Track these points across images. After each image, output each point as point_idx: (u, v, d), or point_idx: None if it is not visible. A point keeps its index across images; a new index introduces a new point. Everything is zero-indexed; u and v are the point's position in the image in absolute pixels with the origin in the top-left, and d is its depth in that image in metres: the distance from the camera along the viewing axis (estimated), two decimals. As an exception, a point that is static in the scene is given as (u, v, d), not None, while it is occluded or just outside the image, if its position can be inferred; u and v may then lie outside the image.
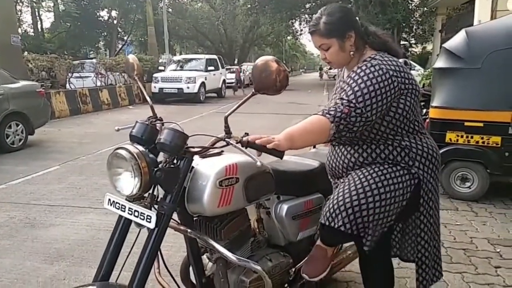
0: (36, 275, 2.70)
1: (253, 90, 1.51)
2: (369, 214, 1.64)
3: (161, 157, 1.49)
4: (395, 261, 1.95)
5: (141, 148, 1.40)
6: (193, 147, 1.48)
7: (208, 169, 1.55)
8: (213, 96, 16.69)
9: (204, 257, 1.83)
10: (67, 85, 12.98)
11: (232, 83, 21.77)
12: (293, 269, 1.96)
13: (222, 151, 1.69)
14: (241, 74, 24.10)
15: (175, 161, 1.45)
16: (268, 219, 1.94)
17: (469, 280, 2.58)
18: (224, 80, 17.75)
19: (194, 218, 1.70)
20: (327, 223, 1.69)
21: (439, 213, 1.83)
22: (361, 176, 1.69)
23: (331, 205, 1.69)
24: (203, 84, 15.14)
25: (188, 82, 14.54)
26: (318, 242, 1.95)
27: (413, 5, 22.40)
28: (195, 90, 14.62)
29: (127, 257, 1.48)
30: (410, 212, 1.77)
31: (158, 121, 1.61)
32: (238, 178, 1.59)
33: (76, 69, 14.51)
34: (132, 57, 1.74)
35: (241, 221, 1.74)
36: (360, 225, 1.65)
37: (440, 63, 4.29)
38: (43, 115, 7.31)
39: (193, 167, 1.55)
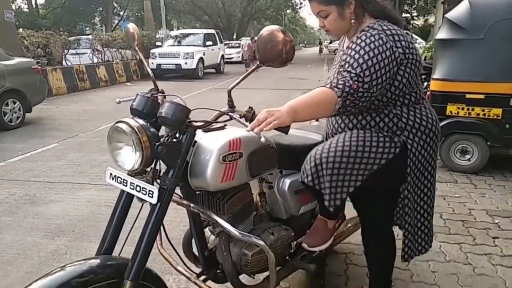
0: (38, 250, 2.73)
1: (258, 62, 1.45)
2: (331, 169, 1.62)
3: (163, 131, 1.46)
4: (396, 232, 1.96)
5: (142, 121, 1.36)
6: (195, 121, 1.45)
7: (211, 144, 1.51)
8: (211, 72, 16.50)
9: (207, 230, 1.83)
10: (64, 62, 12.83)
11: (231, 58, 21.54)
12: (295, 242, 1.97)
13: (225, 125, 1.66)
14: (241, 49, 23.81)
15: (177, 135, 1.42)
16: (270, 193, 1.93)
17: (467, 250, 2.60)
18: (222, 56, 17.51)
19: (197, 192, 1.68)
20: (299, 179, 1.71)
21: (432, 186, 1.79)
22: (336, 137, 1.69)
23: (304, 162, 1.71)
24: (201, 59, 14.95)
25: (186, 58, 14.35)
26: (319, 216, 1.97)
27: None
28: (193, 66, 14.44)
29: (130, 231, 1.47)
30: (395, 180, 1.74)
31: (160, 94, 1.56)
32: (241, 153, 1.56)
33: (72, 46, 14.30)
34: (132, 26, 1.67)
35: (244, 196, 1.72)
36: (321, 178, 1.64)
37: (442, 34, 4.20)
38: (40, 92, 7.24)
39: (195, 142, 1.52)
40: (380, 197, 1.81)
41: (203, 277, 1.79)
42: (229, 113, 1.49)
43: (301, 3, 31.25)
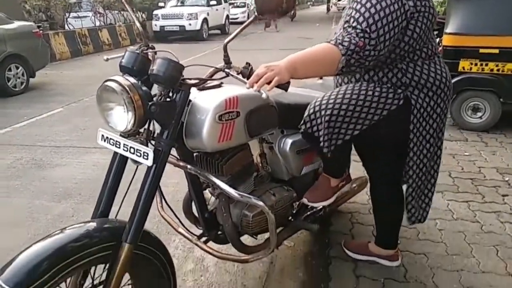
0: (45, 213, 2.76)
1: (255, 14, 1.35)
2: (329, 116, 1.57)
3: (155, 89, 1.38)
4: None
5: (132, 80, 1.28)
6: (189, 79, 1.37)
7: (206, 102, 1.45)
8: (216, 33, 16.10)
9: (207, 191, 1.81)
10: (66, 26, 12.58)
11: (236, 18, 20.93)
12: (297, 203, 1.95)
13: (222, 83, 1.59)
14: (247, 8, 23.10)
15: (170, 94, 1.35)
16: (271, 154, 1.88)
17: (475, 208, 2.57)
18: (227, 16, 17.01)
19: (194, 154, 1.65)
20: (299, 127, 1.69)
21: (438, 148, 1.72)
22: (338, 89, 1.63)
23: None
24: (205, 20, 14.54)
25: (190, 19, 13.97)
26: (323, 174, 1.93)
27: None
28: (198, 27, 14.08)
29: (126, 194, 1.44)
30: (398, 135, 1.67)
31: (150, 50, 1.47)
32: (238, 112, 1.49)
33: (74, 9, 13.95)
34: None
35: (243, 156, 1.68)
36: (318, 126, 1.60)
37: (456, -15, 3.97)
38: (42, 57, 7.12)
39: (190, 101, 1.45)
40: (389, 154, 1.76)
41: (204, 239, 1.78)
42: (225, 70, 1.41)
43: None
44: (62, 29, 11.85)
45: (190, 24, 13.94)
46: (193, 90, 1.46)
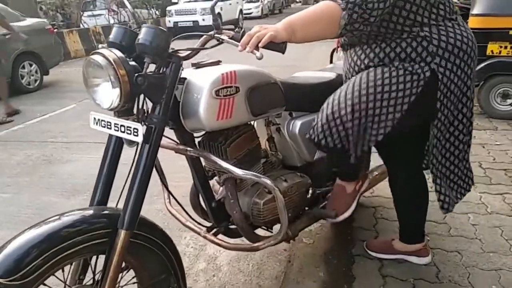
0: (53, 209, 2.66)
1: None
2: (349, 123, 1.43)
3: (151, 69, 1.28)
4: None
5: (119, 53, 1.17)
6: (180, 50, 1.29)
7: (202, 79, 1.37)
8: (230, 28, 15.91)
9: (214, 182, 1.68)
10: (81, 24, 12.65)
11: (250, 13, 20.75)
12: (312, 190, 1.79)
13: (220, 61, 1.52)
14: (260, 3, 22.88)
15: (162, 66, 1.25)
16: (280, 138, 1.77)
17: (510, 201, 2.35)
18: (241, 10, 16.85)
19: (199, 139, 1.56)
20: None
21: (469, 121, 1.52)
22: (350, 83, 1.46)
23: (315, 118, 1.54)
24: (219, 15, 14.41)
25: (203, 14, 13.85)
26: (337, 180, 1.79)
27: None
28: (211, 22, 13.94)
29: (126, 181, 1.31)
30: (423, 118, 1.48)
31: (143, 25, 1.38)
32: (238, 88, 1.41)
33: (88, 7, 14.04)
34: None
35: (248, 139, 1.58)
36: (341, 134, 1.45)
37: (483, -38, 3.71)
38: (55, 54, 7.11)
39: (185, 79, 1.38)
40: (406, 137, 1.57)
41: (213, 231, 1.65)
42: (216, 35, 1.32)
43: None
44: (77, 27, 11.90)
45: (203, 19, 13.83)
46: (189, 69, 1.41)
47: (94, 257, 1.28)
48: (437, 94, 1.41)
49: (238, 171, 1.35)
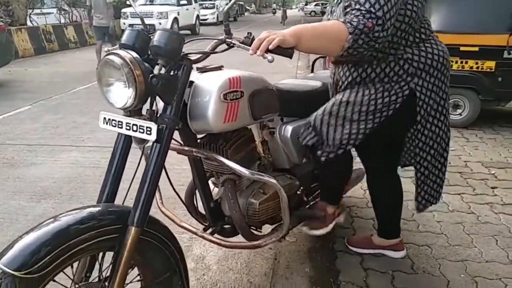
0: (24, 213, 2.55)
1: None
2: (331, 127, 1.64)
3: (157, 70, 1.31)
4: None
5: (134, 54, 1.21)
6: (191, 53, 1.34)
7: (210, 82, 1.43)
8: (186, 34, 15.87)
9: (210, 183, 1.73)
10: (28, 22, 11.99)
11: (206, 19, 20.73)
12: (300, 191, 1.90)
13: (222, 66, 1.57)
14: (216, 10, 22.92)
15: (172, 72, 1.29)
16: (272, 141, 1.86)
17: (468, 200, 2.60)
18: (197, 16, 16.82)
19: (199, 141, 1.60)
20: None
21: (447, 128, 1.72)
22: (337, 100, 1.65)
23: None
24: (176, 19, 14.31)
25: (160, 18, 13.69)
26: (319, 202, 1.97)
27: None
28: (168, 27, 13.80)
29: (132, 179, 1.34)
30: (405, 126, 1.68)
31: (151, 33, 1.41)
32: (242, 92, 1.49)
33: (36, 5, 13.35)
34: None
35: (247, 141, 1.66)
36: (321, 134, 1.67)
37: (436, -16, 4.07)
38: (7, 52, 6.72)
39: (192, 82, 1.43)
40: (387, 145, 1.74)
41: (210, 230, 1.70)
42: (227, 40, 1.38)
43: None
44: (23, 25, 11.26)
45: (160, 23, 13.63)
46: (195, 73, 1.44)
47: (101, 254, 1.27)
48: (416, 108, 1.60)
49: (246, 171, 1.41)
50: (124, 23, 13.66)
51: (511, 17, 3.68)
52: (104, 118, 1.29)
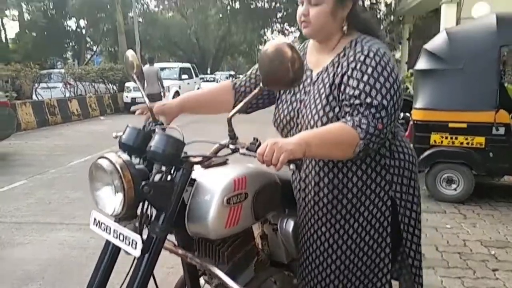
0: (2, 301, 2.42)
1: (260, 84, 1.22)
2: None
3: None
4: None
5: (126, 157, 1.16)
6: (192, 156, 1.26)
7: (213, 183, 1.30)
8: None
9: (201, 279, 1.63)
10: (34, 96, 12.43)
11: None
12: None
13: (227, 160, 1.45)
14: (216, 83, 23.90)
15: (171, 172, 1.22)
16: (273, 235, 1.71)
17: (469, 285, 2.49)
18: (198, 89, 17.49)
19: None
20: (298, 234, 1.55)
21: (420, 230, 1.55)
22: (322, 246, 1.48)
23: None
24: (177, 93, 14.85)
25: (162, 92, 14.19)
26: None
27: (381, 13, 22.98)
28: (170, 99, 14.28)
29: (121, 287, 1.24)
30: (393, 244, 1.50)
31: (159, 126, 1.38)
32: (247, 194, 1.36)
33: (43, 80, 13.93)
34: (131, 54, 1.48)
35: (246, 241, 1.53)
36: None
37: (422, 64, 4.28)
38: (8, 126, 6.85)
39: (194, 180, 1.31)
40: None
41: None
42: (231, 145, 1.28)
43: (273, 39, 32.01)
44: (29, 99, 11.67)
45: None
46: (198, 168, 1.33)
47: None
48: (399, 217, 1.45)
49: None
50: (127, 96, 14.17)
51: (496, 94, 3.82)
52: (95, 219, 1.21)
